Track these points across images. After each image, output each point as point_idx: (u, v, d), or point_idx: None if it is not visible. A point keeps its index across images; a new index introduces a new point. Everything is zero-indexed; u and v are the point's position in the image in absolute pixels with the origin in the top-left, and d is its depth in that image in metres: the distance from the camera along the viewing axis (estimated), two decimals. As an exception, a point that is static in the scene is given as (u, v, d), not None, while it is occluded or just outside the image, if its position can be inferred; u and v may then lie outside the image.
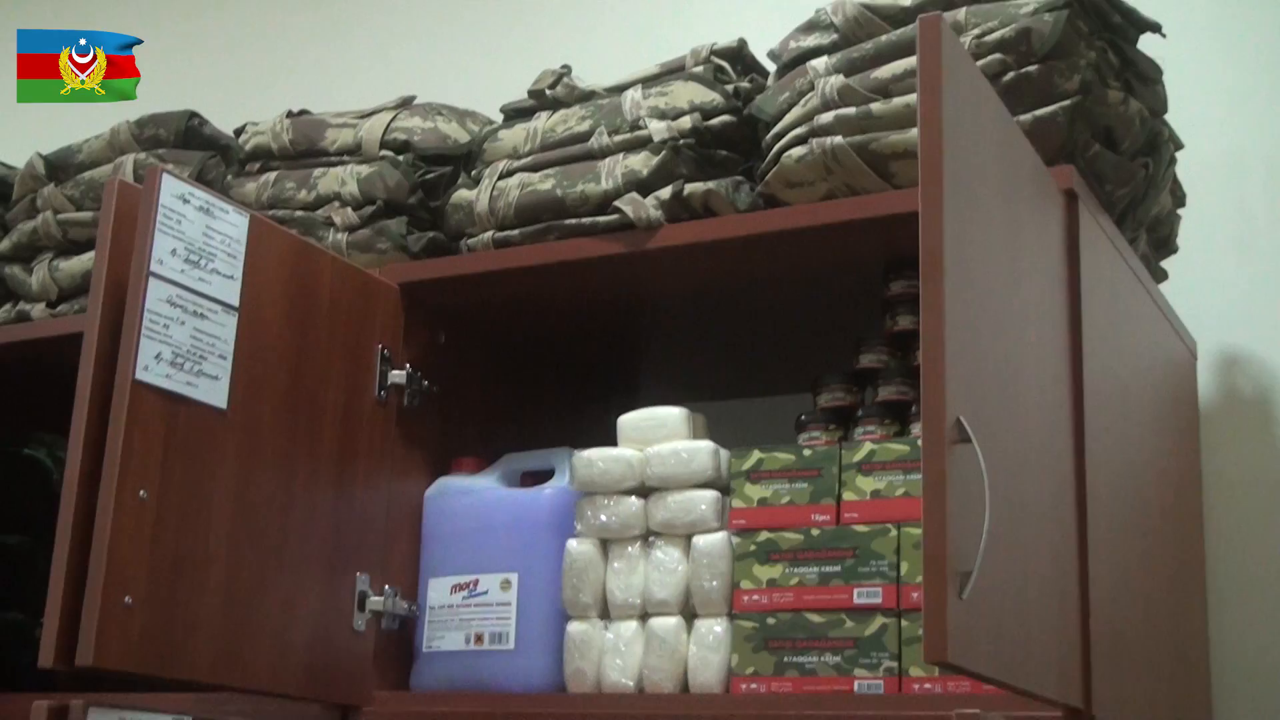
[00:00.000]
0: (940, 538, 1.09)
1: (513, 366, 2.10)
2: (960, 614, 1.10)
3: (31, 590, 2.08)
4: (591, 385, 2.19)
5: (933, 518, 1.10)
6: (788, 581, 1.62)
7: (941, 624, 1.08)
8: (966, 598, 1.11)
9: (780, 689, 1.58)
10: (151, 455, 1.49)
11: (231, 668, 1.57)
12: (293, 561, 1.66)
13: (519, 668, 1.74)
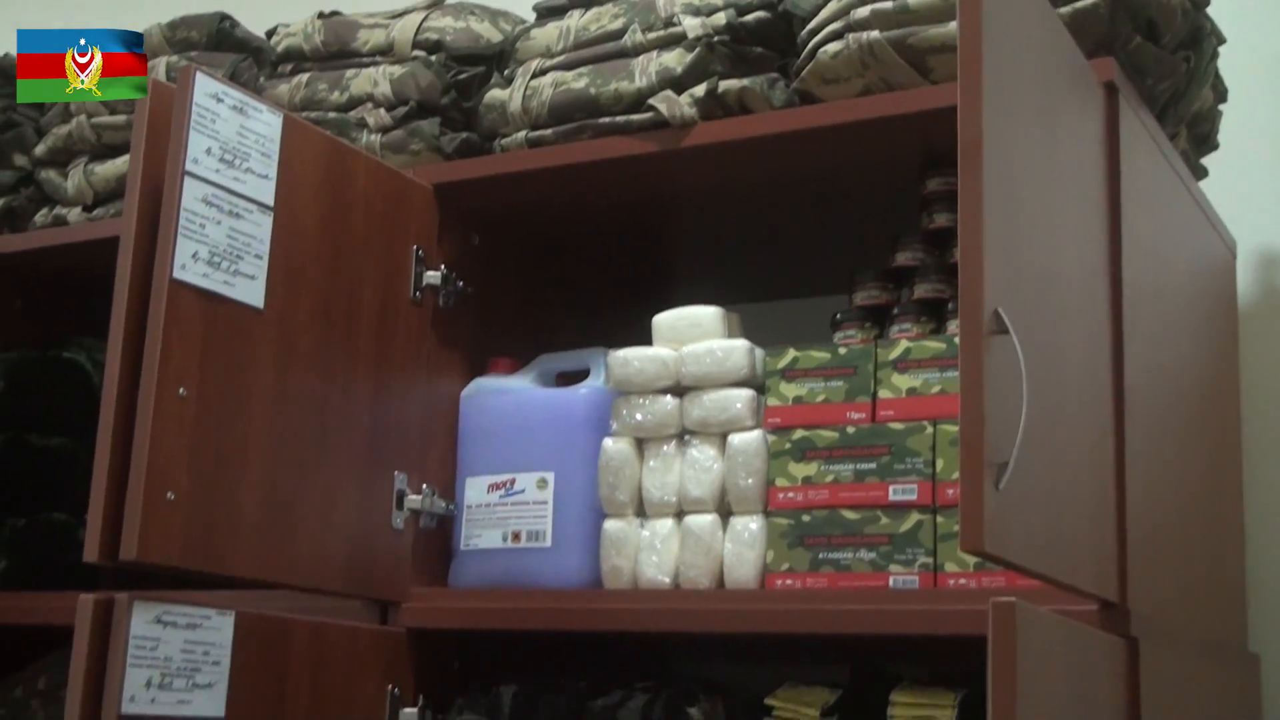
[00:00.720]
0: (977, 427, 1.09)
1: (547, 267, 2.10)
2: (996, 504, 1.10)
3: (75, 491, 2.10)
4: (626, 285, 2.19)
5: (970, 407, 1.10)
6: (823, 479, 1.62)
7: (978, 514, 1.08)
8: (1003, 488, 1.11)
9: (815, 584, 1.60)
10: (190, 354, 1.50)
11: (273, 564, 1.59)
12: (331, 459, 1.67)
13: (556, 565, 1.75)
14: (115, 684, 1.42)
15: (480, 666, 1.81)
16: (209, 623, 1.51)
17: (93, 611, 1.44)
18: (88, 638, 1.43)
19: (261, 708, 1.57)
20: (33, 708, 2.07)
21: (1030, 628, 1.13)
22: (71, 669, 1.44)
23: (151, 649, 1.45)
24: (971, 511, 1.08)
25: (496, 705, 1.74)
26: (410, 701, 1.74)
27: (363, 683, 1.70)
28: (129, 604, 1.44)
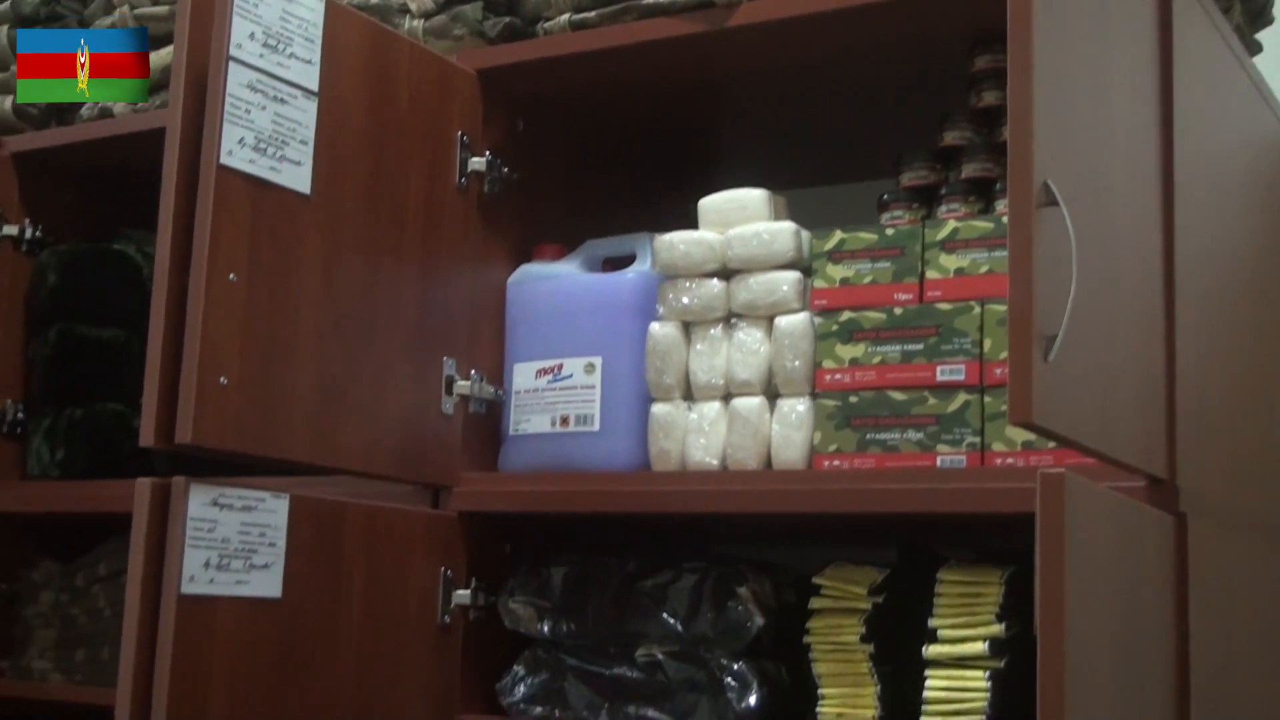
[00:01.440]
0: (1026, 298, 1.08)
1: (592, 152, 2.09)
2: (1045, 376, 1.10)
3: (130, 381, 2.14)
4: (672, 169, 2.18)
5: (1019, 278, 1.09)
6: (870, 360, 1.62)
7: (1026, 385, 1.08)
8: (1052, 361, 1.11)
9: (863, 465, 1.60)
10: (239, 239, 1.51)
11: (325, 448, 1.61)
12: (380, 345, 1.69)
13: (604, 449, 1.77)
14: (174, 565, 1.45)
15: (531, 549, 1.83)
16: (264, 505, 1.53)
17: (151, 494, 1.47)
18: (146, 520, 1.46)
19: (318, 589, 1.60)
20: (94, 593, 2.12)
21: (1078, 500, 1.13)
22: (131, 551, 1.46)
23: (209, 531, 1.48)
24: (1020, 383, 1.08)
25: (547, 586, 1.77)
26: (463, 584, 1.77)
27: (416, 565, 1.72)
28: (186, 487, 1.47)
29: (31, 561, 2.19)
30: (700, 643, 1.67)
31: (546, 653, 1.77)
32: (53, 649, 2.13)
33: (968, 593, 1.52)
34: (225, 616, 1.49)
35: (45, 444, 2.15)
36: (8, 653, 2.18)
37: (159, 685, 1.45)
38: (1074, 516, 1.12)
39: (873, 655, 1.56)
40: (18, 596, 2.19)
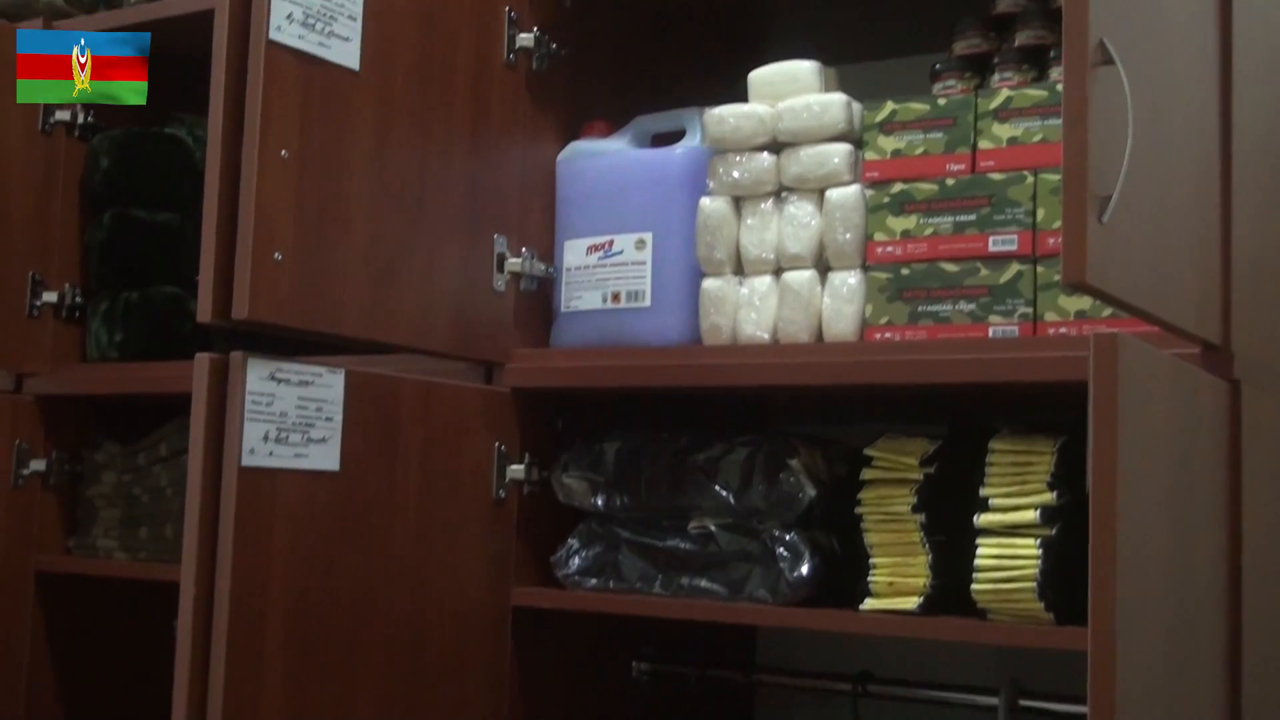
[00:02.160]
0: (1080, 157, 1.07)
1: (641, 27, 2.07)
2: (1099, 237, 1.09)
3: (185, 265, 2.16)
4: (721, 43, 2.16)
5: (1073, 137, 1.08)
6: (922, 232, 1.62)
7: (1080, 246, 1.07)
8: (1106, 222, 1.10)
9: (914, 337, 1.60)
10: (290, 116, 1.52)
11: (378, 323, 1.63)
12: (431, 222, 1.69)
13: (655, 324, 1.77)
14: (234, 438, 1.48)
15: (583, 425, 1.85)
16: (320, 380, 1.55)
17: (210, 368, 1.49)
18: (206, 394, 1.49)
19: (375, 463, 1.62)
20: (155, 473, 2.15)
21: (1132, 362, 1.13)
22: (192, 424, 1.49)
23: (267, 404, 1.50)
24: (1074, 244, 1.07)
25: (600, 461, 1.79)
26: (516, 459, 1.79)
27: (470, 440, 1.74)
28: (244, 361, 1.49)
29: (94, 443, 2.23)
30: (752, 514, 1.69)
31: (600, 526, 1.79)
32: (117, 528, 2.18)
33: (1019, 462, 1.52)
34: (285, 489, 1.52)
35: (103, 327, 2.18)
36: (73, 532, 2.23)
37: (222, 556, 1.48)
38: (1127, 379, 1.12)
39: (924, 525, 1.57)
40: (81, 477, 2.23)
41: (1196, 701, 1.32)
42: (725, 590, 1.69)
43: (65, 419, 2.21)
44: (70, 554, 2.21)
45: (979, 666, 1.80)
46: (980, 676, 1.75)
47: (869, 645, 1.91)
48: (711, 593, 1.70)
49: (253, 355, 1.49)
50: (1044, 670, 1.69)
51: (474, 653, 1.74)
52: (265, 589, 1.51)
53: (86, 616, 2.24)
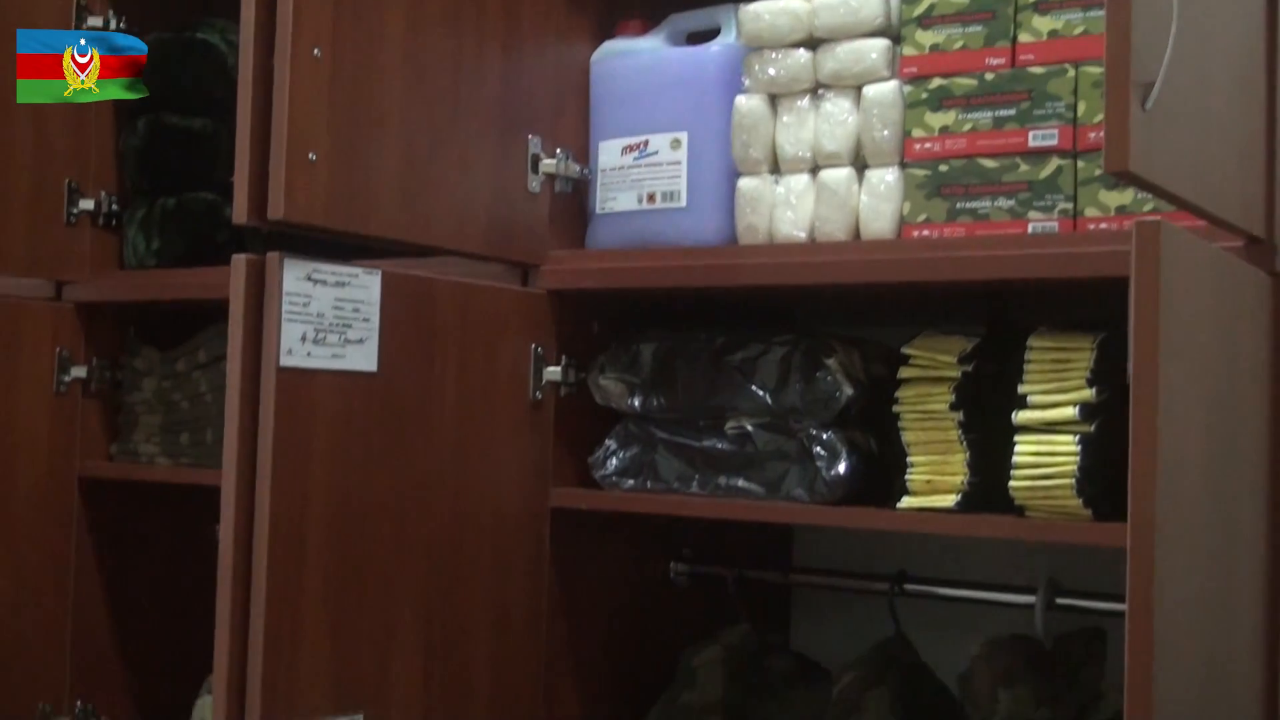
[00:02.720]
0: (1124, 42, 1.05)
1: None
2: (1142, 124, 1.08)
3: (220, 171, 2.16)
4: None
5: (1117, 21, 1.06)
6: (961, 128, 1.60)
7: (1123, 133, 1.06)
8: (1149, 109, 1.08)
9: (953, 234, 1.59)
10: (321, 13, 1.50)
11: (413, 225, 1.62)
12: (465, 123, 1.68)
13: (691, 225, 1.76)
14: (272, 338, 1.48)
15: (620, 327, 1.85)
16: (357, 281, 1.55)
17: (246, 270, 1.49)
18: (243, 295, 1.49)
19: (412, 364, 1.62)
20: (195, 379, 2.17)
21: (1174, 251, 1.11)
22: (230, 325, 1.49)
23: (304, 305, 1.50)
24: (1116, 130, 1.06)
25: (636, 362, 1.79)
26: (553, 360, 1.80)
27: (507, 342, 1.75)
28: (280, 262, 1.49)
29: (133, 350, 2.25)
30: (789, 414, 1.69)
31: (637, 427, 1.80)
32: (158, 434, 2.20)
33: (1058, 358, 1.51)
34: (324, 389, 1.53)
35: (140, 234, 2.18)
36: (115, 438, 2.25)
37: (262, 456, 1.49)
38: (1169, 268, 1.11)
39: (961, 423, 1.57)
40: (122, 384, 2.25)
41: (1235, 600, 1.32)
42: (762, 489, 1.69)
43: (104, 326, 2.23)
44: (113, 460, 2.24)
45: (1016, 567, 1.80)
46: (1017, 577, 1.75)
47: (906, 546, 1.92)
48: (748, 492, 1.70)
49: (289, 256, 1.49)
50: (1081, 570, 1.69)
51: (513, 554, 1.76)
52: (305, 490, 1.52)
53: (130, 521, 2.27)
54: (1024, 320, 1.61)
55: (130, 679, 2.27)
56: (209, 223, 2.16)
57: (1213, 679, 1.27)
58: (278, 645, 1.50)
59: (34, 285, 2.17)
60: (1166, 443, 1.13)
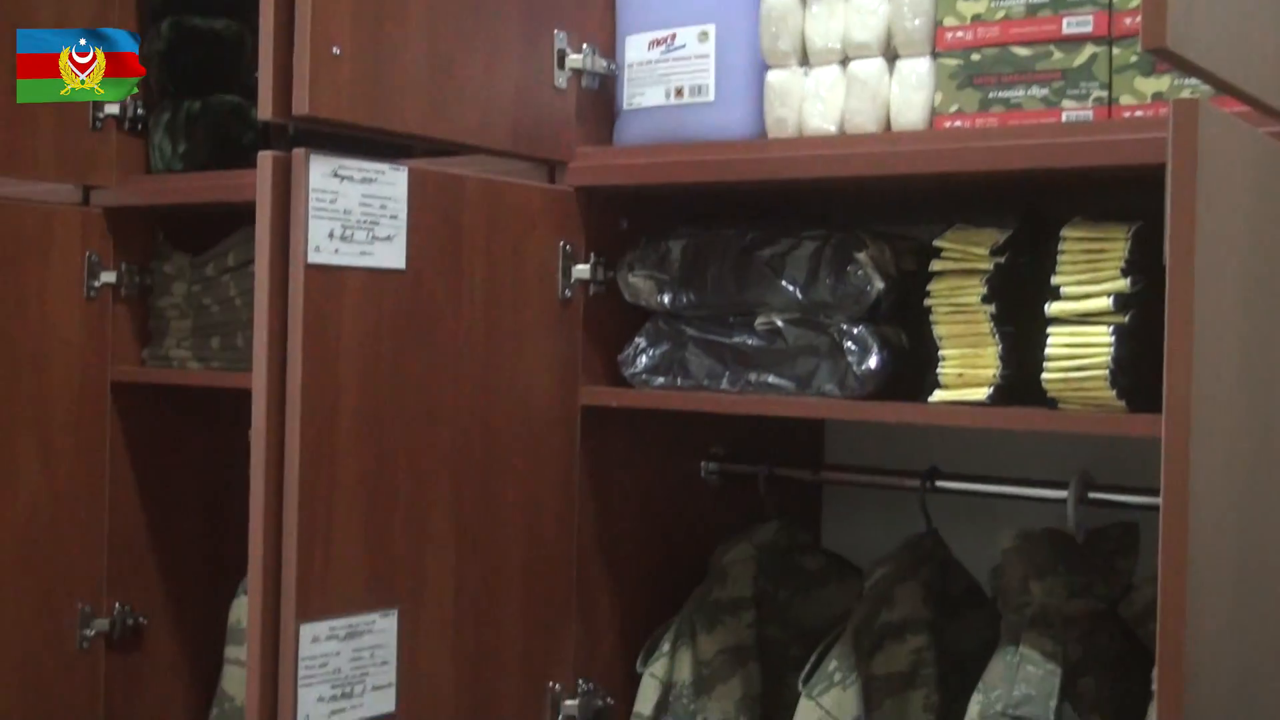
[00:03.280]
0: (1163, -87, 1.03)
1: None
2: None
3: (244, 73, 2.15)
4: None
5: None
6: (993, 16, 1.57)
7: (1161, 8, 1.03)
8: (1188, -16, 1.06)
9: (985, 124, 1.57)
10: (344, -95, 1.49)
11: (438, 121, 1.61)
12: (490, 17, 1.67)
13: (720, 119, 1.74)
14: (299, 235, 1.48)
15: (648, 224, 1.84)
16: (384, 177, 1.54)
17: (273, 166, 1.48)
18: (270, 191, 1.48)
19: (440, 261, 1.62)
20: (224, 283, 2.17)
21: (1213, 132, 1.09)
22: (258, 222, 1.49)
23: (331, 202, 1.49)
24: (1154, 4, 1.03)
25: (666, 259, 1.78)
26: (582, 258, 1.79)
27: (535, 239, 1.74)
28: (306, 157, 1.48)
29: (162, 254, 2.25)
30: (819, 309, 1.68)
31: (667, 324, 1.79)
32: (189, 338, 2.20)
33: (1092, 249, 1.49)
34: (352, 286, 1.52)
35: (166, 138, 2.18)
36: (147, 343, 2.26)
37: (292, 353, 1.49)
38: (1208, 150, 1.08)
39: (994, 315, 1.56)
40: (152, 289, 2.25)
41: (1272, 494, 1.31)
42: (792, 385, 1.69)
43: (132, 231, 2.23)
44: (144, 365, 2.25)
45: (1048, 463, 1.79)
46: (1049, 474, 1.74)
47: (937, 443, 1.91)
48: (779, 388, 1.70)
49: (315, 152, 1.48)
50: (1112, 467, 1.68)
51: (544, 452, 1.76)
52: (336, 388, 1.52)
53: (163, 426, 2.28)
54: (1057, 213, 1.59)
55: (167, 581, 2.30)
56: (234, 125, 2.15)
57: (1248, 571, 1.26)
58: (311, 544, 1.51)
59: (62, 190, 2.18)
60: (1202, 332, 1.11)
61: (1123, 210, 1.52)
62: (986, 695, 1.55)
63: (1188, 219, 1.08)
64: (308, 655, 1.50)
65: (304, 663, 1.50)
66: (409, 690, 1.60)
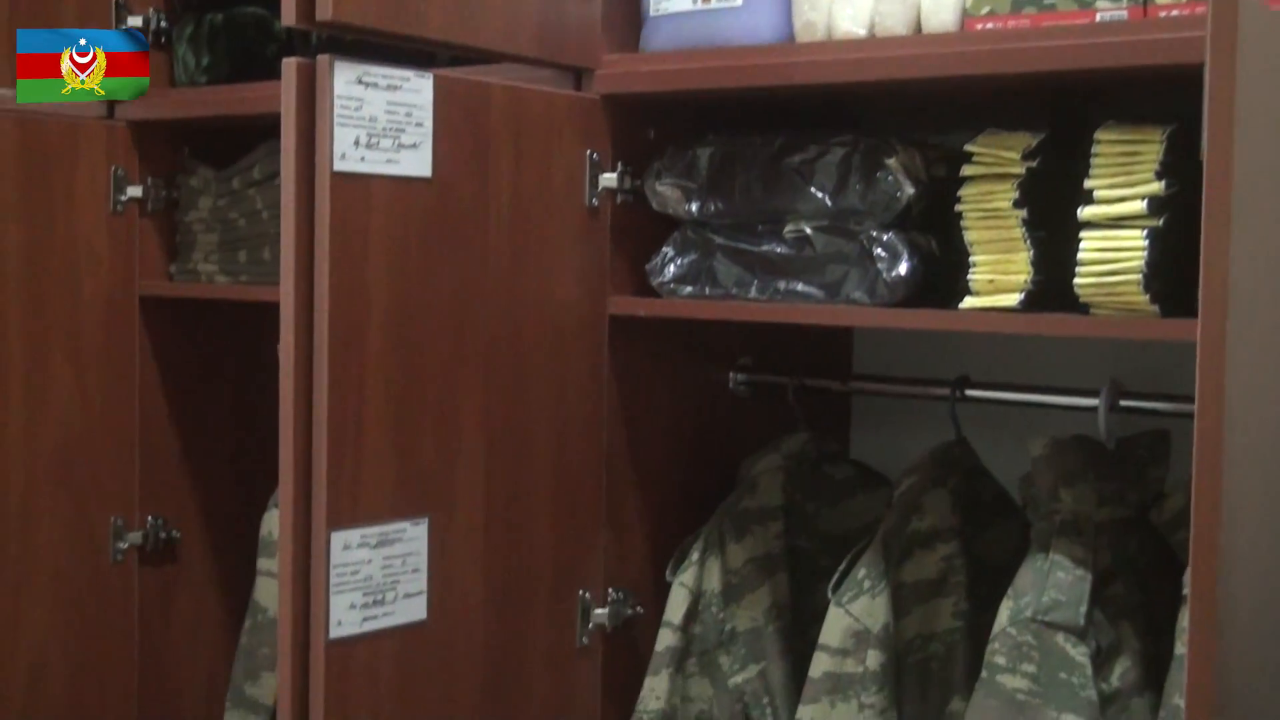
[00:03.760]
0: None
1: None
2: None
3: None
4: None
5: None
6: (1027, -86, 1.54)
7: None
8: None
9: (1018, 25, 1.54)
10: None
11: (463, 26, 1.59)
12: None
13: (747, 24, 1.72)
14: (325, 143, 1.47)
15: (676, 132, 1.82)
16: (409, 84, 1.53)
17: (297, 73, 1.47)
18: (295, 99, 1.47)
19: (466, 169, 1.61)
20: (250, 196, 2.16)
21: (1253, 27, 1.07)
22: (283, 130, 1.48)
23: (356, 109, 1.48)
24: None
25: (693, 167, 1.76)
26: (609, 167, 1.77)
27: (561, 148, 1.72)
28: (330, 64, 1.47)
29: (188, 169, 2.24)
30: (849, 215, 1.66)
31: (695, 233, 1.78)
32: (216, 252, 2.20)
33: (1126, 151, 1.47)
34: (378, 195, 1.52)
35: (189, 51, 2.17)
36: (174, 258, 2.26)
37: (319, 263, 1.49)
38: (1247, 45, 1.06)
39: (1025, 220, 1.54)
40: (178, 204, 2.25)
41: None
42: (822, 293, 1.68)
43: (158, 145, 2.23)
44: (172, 280, 2.25)
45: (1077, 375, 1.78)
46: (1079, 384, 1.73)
47: (967, 353, 1.90)
48: (808, 296, 1.69)
49: (340, 58, 1.47)
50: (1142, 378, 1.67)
51: (572, 362, 1.76)
52: (364, 297, 1.52)
53: (193, 341, 2.29)
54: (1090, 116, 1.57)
55: (199, 494, 2.32)
56: (258, 37, 2.14)
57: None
58: (341, 452, 1.52)
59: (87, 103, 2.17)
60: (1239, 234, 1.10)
61: (1157, 112, 1.50)
62: (1016, 601, 1.55)
63: (1225, 119, 1.07)
64: (339, 563, 1.51)
65: (335, 570, 1.51)
66: (440, 598, 1.61)
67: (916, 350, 2.00)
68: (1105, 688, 1.53)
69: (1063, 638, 1.52)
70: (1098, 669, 1.53)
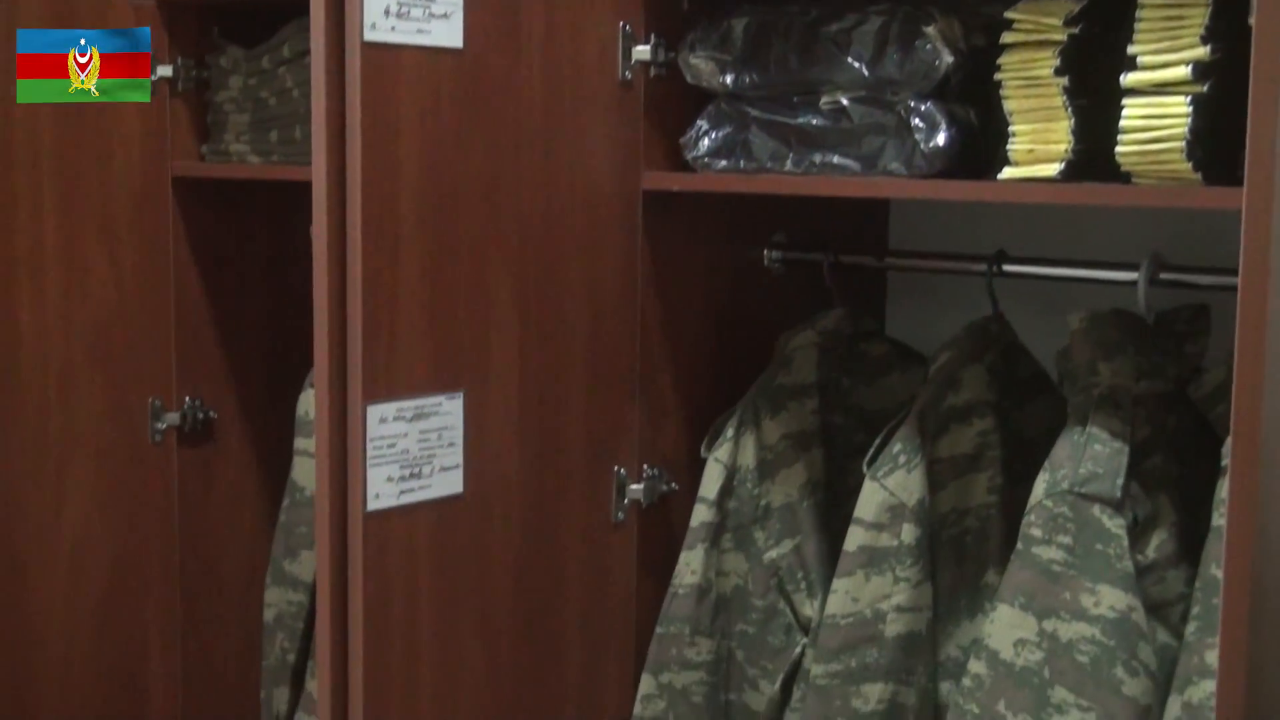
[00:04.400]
0: None
1: None
2: None
3: None
4: None
5: None
6: None
7: None
8: None
9: (1061, -114, 1.50)
10: None
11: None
12: None
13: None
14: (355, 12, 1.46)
15: (710, 3, 1.79)
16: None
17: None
18: (321, -35, 1.45)
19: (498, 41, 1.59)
20: (281, 75, 2.14)
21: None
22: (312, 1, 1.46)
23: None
24: None
25: (728, 38, 1.74)
26: (642, 39, 1.75)
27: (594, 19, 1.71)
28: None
29: (218, 48, 2.22)
30: (886, 85, 1.63)
31: (729, 105, 1.75)
32: (247, 131, 2.19)
33: (1171, 15, 1.44)
34: (410, 66, 1.50)
35: (217, -74, 2.14)
36: (205, 139, 2.25)
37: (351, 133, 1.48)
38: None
39: (1067, 88, 1.51)
40: (209, 84, 2.23)
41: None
42: (858, 165, 1.66)
43: (187, 24, 2.21)
44: (204, 160, 2.24)
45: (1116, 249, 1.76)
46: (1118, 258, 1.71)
47: (1004, 228, 1.88)
48: (844, 168, 1.67)
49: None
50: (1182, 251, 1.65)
51: (606, 236, 1.75)
52: (396, 170, 1.51)
53: (226, 221, 2.29)
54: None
55: (235, 375, 2.33)
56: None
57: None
58: (376, 327, 1.52)
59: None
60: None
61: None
62: (1053, 474, 1.55)
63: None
64: (376, 436, 1.52)
65: (372, 443, 1.52)
66: (476, 472, 1.62)
67: (953, 226, 1.98)
68: (1141, 559, 1.53)
69: (1099, 509, 1.52)
70: (1134, 541, 1.53)
